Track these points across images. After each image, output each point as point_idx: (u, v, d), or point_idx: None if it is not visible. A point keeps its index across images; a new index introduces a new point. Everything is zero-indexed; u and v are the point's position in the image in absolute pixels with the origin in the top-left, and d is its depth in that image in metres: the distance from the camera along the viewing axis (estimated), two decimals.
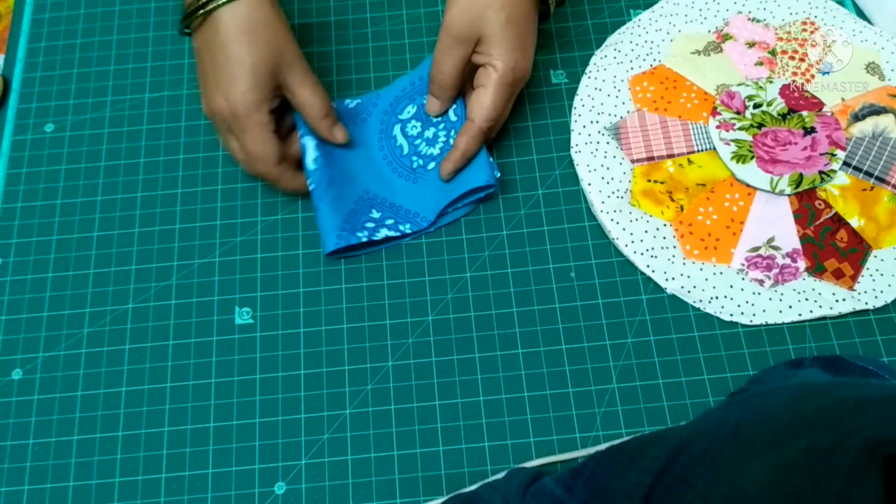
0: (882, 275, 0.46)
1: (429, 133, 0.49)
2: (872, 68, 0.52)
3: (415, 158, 0.49)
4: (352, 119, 0.51)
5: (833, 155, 0.48)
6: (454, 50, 0.46)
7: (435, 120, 0.50)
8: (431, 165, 0.49)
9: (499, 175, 0.48)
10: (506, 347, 0.46)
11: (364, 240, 0.46)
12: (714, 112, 0.50)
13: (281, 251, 0.48)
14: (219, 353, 0.46)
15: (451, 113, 0.49)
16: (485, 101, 0.46)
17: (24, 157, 0.52)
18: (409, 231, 0.47)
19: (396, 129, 0.50)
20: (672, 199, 0.48)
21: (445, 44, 0.46)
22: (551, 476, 0.39)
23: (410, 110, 0.50)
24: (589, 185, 0.49)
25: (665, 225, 0.47)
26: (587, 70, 0.53)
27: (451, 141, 0.48)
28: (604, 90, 0.52)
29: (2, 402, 0.45)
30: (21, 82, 0.54)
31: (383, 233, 0.47)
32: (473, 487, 0.41)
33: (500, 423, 0.44)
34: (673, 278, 0.46)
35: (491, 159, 0.48)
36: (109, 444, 0.44)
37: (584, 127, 0.51)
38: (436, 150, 0.49)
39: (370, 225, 0.47)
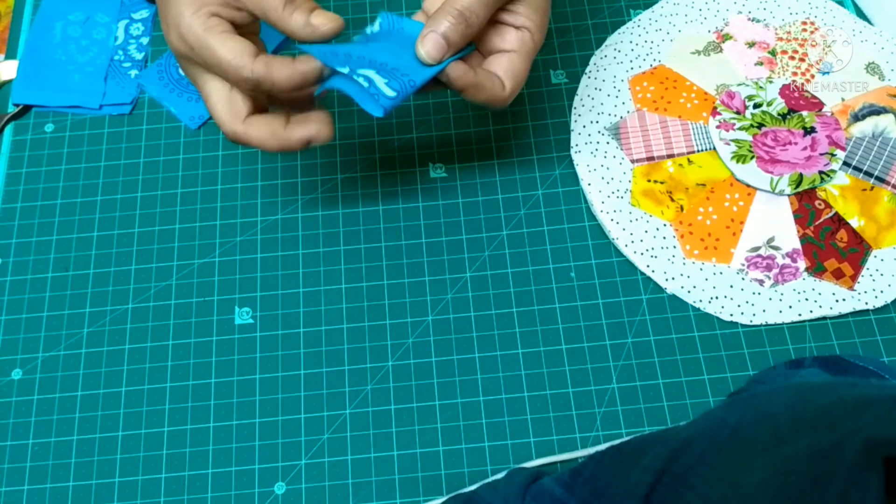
0: (882, 275, 0.46)
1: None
2: (872, 68, 0.52)
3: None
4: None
5: (833, 155, 0.48)
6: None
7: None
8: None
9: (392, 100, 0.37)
10: (506, 347, 0.46)
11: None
12: (714, 112, 0.50)
13: (281, 251, 0.48)
14: (218, 353, 0.46)
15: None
16: (519, 68, 0.40)
17: (24, 157, 0.52)
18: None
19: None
20: (672, 199, 0.48)
21: None
22: (551, 476, 0.39)
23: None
24: (589, 185, 0.49)
25: (665, 225, 0.47)
26: (587, 70, 0.53)
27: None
28: (604, 90, 0.52)
29: (2, 402, 0.45)
30: None
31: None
32: (473, 487, 0.41)
33: (500, 423, 0.44)
34: (673, 278, 0.46)
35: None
36: (109, 444, 0.44)
37: (584, 127, 0.51)
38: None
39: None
